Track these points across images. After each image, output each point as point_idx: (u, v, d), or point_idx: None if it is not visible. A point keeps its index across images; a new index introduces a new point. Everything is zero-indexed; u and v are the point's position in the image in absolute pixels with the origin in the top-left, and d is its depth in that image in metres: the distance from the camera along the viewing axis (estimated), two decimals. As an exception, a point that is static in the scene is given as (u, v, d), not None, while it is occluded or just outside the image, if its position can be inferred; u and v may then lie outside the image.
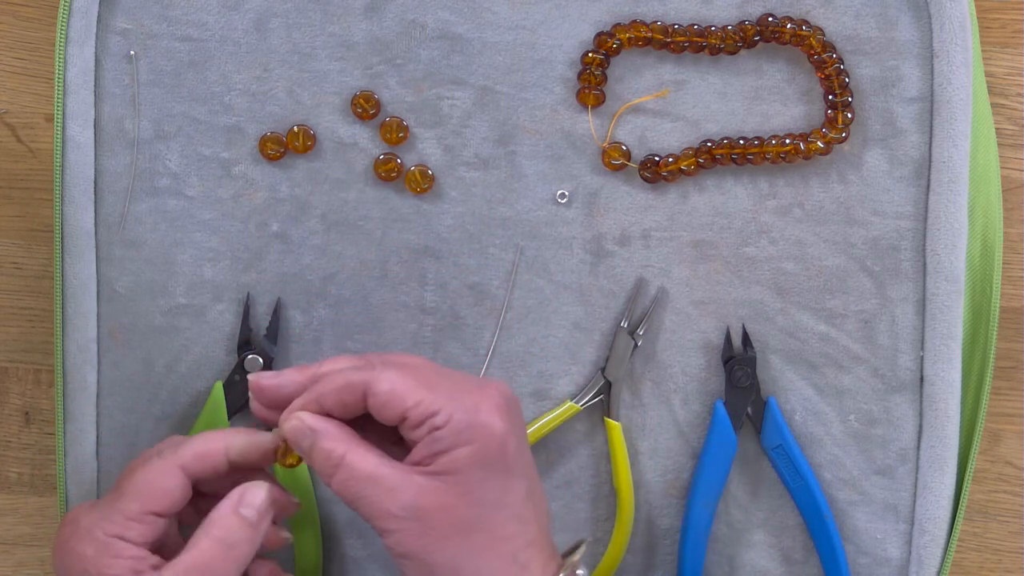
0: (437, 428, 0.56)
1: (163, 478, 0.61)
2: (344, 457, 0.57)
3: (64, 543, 0.61)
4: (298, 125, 0.71)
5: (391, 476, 0.57)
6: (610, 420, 0.72)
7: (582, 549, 0.61)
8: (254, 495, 0.61)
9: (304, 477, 0.72)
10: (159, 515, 0.61)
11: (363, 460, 0.57)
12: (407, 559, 0.57)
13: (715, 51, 0.70)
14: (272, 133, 0.72)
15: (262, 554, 0.64)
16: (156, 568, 0.59)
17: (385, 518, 0.56)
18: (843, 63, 0.70)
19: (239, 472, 0.63)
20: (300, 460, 0.61)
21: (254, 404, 0.62)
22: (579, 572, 0.59)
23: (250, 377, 0.61)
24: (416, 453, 0.57)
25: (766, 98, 0.71)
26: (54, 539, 0.61)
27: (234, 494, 0.61)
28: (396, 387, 0.57)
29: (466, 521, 0.56)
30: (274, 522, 0.63)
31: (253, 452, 0.62)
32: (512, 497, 0.58)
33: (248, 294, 0.73)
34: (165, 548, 0.62)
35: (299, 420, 0.59)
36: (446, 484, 0.56)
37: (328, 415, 0.59)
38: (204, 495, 0.64)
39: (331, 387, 0.58)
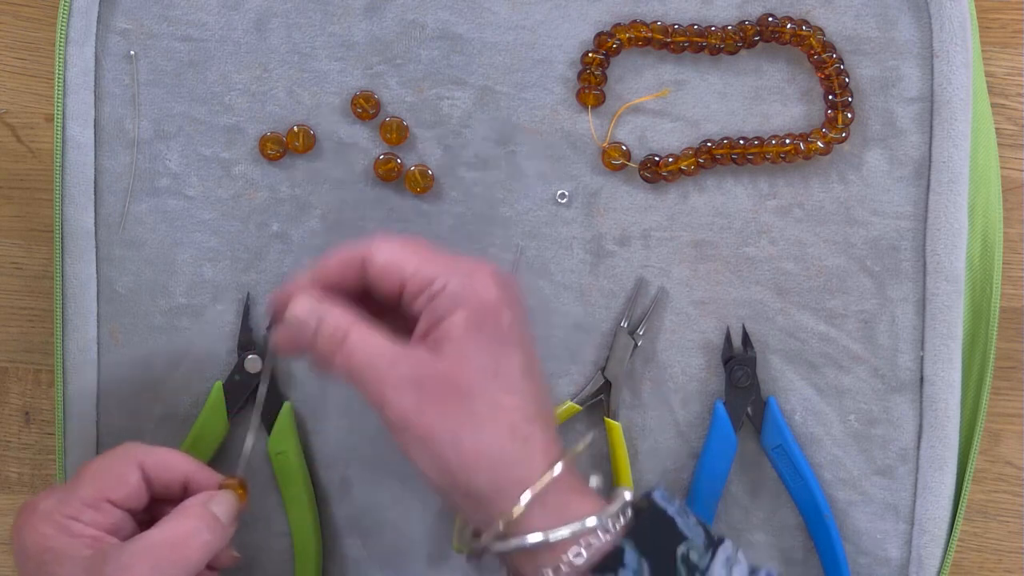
0: (435, 295, 0.57)
1: (120, 466, 0.63)
2: (348, 333, 0.57)
3: (23, 526, 0.61)
4: (298, 125, 0.71)
5: (391, 350, 0.57)
6: (610, 420, 0.72)
7: (588, 440, 0.61)
8: (226, 499, 0.63)
9: (304, 477, 0.73)
10: (114, 504, 0.62)
11: (366, 336, 0.57)
12: (406, 430, 0.56)
13: (715, 51, 0.70)
14: (272, 133, 0.72)
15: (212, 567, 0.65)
16: (116, 545, 0.60)
17: (384, 389, 0.56)
18: (843, 63, 0.70)
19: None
20: (243, 491, 0.64)
21: (274, 335, 0.60)
22: (594, 481, 0.59)
23: (267, 300, 0.60)
24: (419, 328, 0.57)
25: (766, 98, 0.71)
26: (12, 526, 0.62)
27: (204, 494, 0.63)
28: (394, 256, 0.57)
29: (463, 388, 0.56)
30: (210, 567, 0.64)
31: (202, 485, 0.64)
32: (508, 368, 0.57)
33: (248, 294, 0.73)
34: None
35: (306, 300, 0.58)
36: (442, 353, 0.56)
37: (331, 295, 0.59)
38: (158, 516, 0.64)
39: (331, 262, 0.59)
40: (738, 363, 0.71)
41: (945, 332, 0.71)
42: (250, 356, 0.72)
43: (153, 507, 0.64)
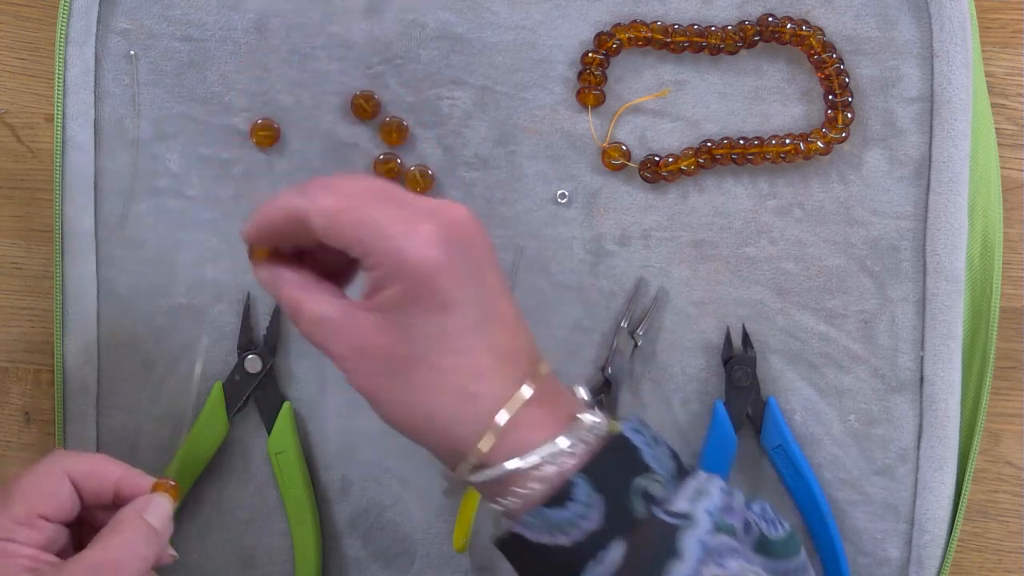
0: (371, 269, 0.55)
1: (49, 481, 0.61)
2: (299, 302, 0.57)
3: None
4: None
5: (337, 318, 0.56)
6: (610, 420, 0.72)
7: (543, 367, 0.59)
8: (160, 504, 0.62)
9: (304, 477, 0.73)
10: (47, 519, 0.61)
11: (315, 304, 0.57)
12: (365, 397, 0.57)
13: (715, 51, 0.70)
14: (263, 120, 0.71)
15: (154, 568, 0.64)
16: (54, 565, 0.59)
17: (338, 359, 0.56)
18: (843, 63, 0.70)
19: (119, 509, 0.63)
20: (174, 491, 0.63)
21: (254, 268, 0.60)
22: (588, 419, 0.57)
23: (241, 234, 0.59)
24: (366, 288, 0.56)
25: (766, 98, 0.71)
26: None
27: (139, 501, 0.62)
28: (330, 223, 0.55)
29: (404, 358, 0.55)
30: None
31: (133, 490, 0.63)
32: (452, 330, 0.55)
33: (248, 294, 0.73)
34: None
35: (263, 269, 0.58)
36: (383, 322, 0.55)
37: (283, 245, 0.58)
38: (89, 524, 0.63)
39: (275, 210, 0.57)
40: (738, 363, 0.71)
41: (945, 332, 0.71)
42: (250, 356, 0.72)
43: (84, 514, 0.63)
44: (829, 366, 0.72)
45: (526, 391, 0.56)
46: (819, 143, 0.70)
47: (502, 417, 0.55)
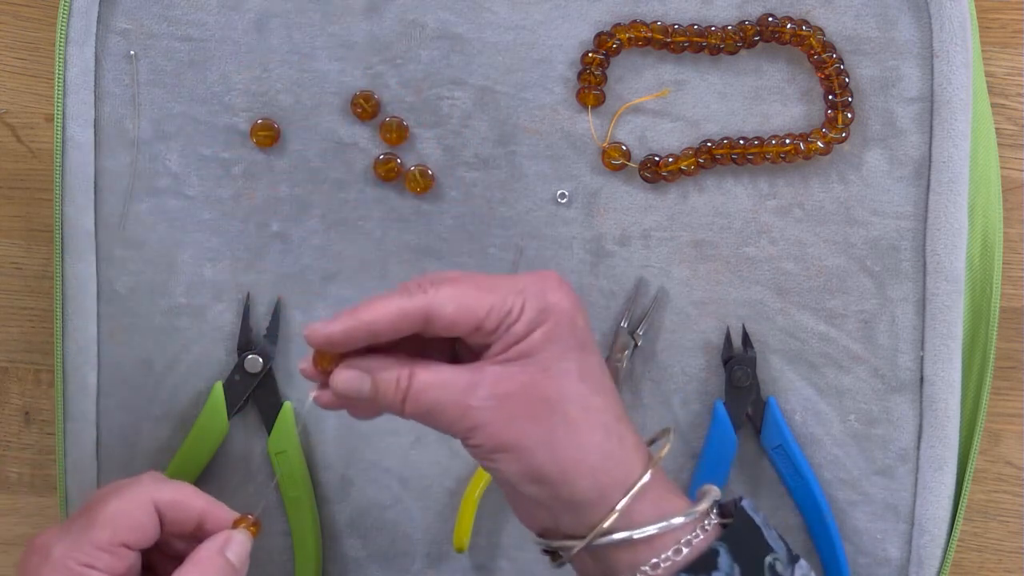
0: (514, 323, 0.55)
1: (136, 510, 0.60)
2: (412, 375, 0.56)
3: (33, 571, 0.59)
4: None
5: (464, 375, 0.55)
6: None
7: (670, 439, 0.59)
8: (240, 543, 0.61)
9: (304, 477, 0.73)
10: (129, 547, 0.60)
11: (430, 371, 0.56)
12: (500, 451, 0.55)
13: (715, 51, 0.70)
14: (263, 120, 0.71)
15: None
16: None
17: (468, 414, 0.55)
18: (843, 63, 0.70)
19: (196, 540, 0.62)
20: (256, 527, 0.62)
21: (305, 364, 0.58)
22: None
23: (304, 332, 0.57)
24: (491, 352, 0.56)
25: (766, 98, 0.71)
26: (20, 565, 0.60)
27: (220, 537, 0.61)
28: (463, 303, 0.55)
29: (551, 397, 0.55)
30: None
31: (215, 524, 0.62)
32: (591, 370, 0.56)
33: (248, 294, 0.73)
34: None
35: (348, 369, 0.56)
36: (523, 366, 0.55)
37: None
38: (159, 549, 0.63)
39: (384, 318, 0.55)
40: (738, 363, 0.71)
41: (945, 332, 0.71)
42: (250, 356, 0.72)
43: (160, 539, 0.62)
44: (829, 366, 0.72)
45: (665, 444, 0.57)
46: (819, 143, 0.70)
47: (653, 465, 0.56)
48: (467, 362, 0.57)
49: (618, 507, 0.55)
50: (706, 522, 0.57)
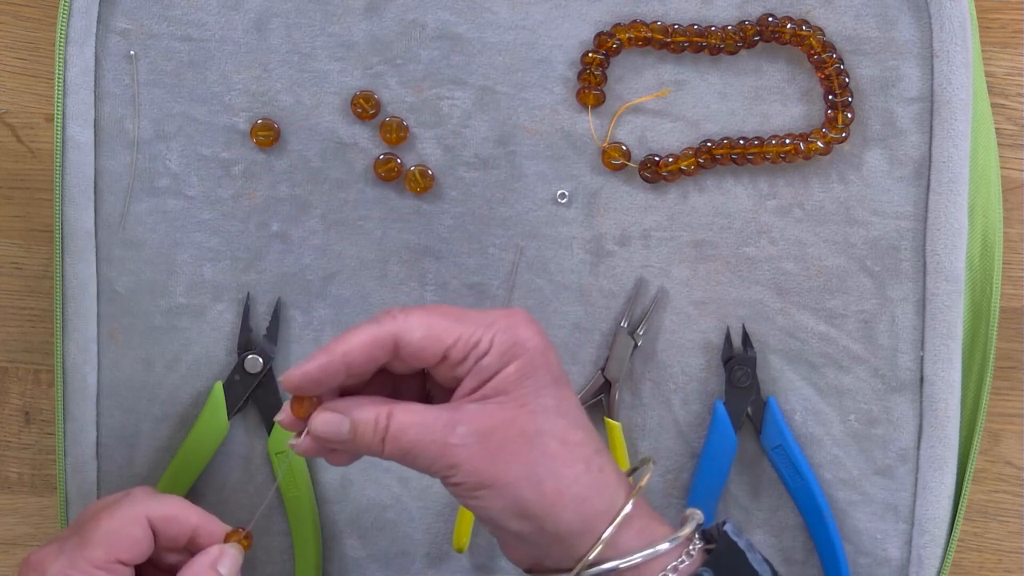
0: (482, 356, 0.56)
1: (131, 527, 0.61)
2: (391, 415, 0.56)
3: None
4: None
5: (442, 415, 0.55)
6: (610, 420, 0.72)
7: (650, 469, 0.60)
8: (232, 557, 0.61)
9: (304, 476, 0.73)
10: (124, 564, 0.60)
11: (409, 410, 0.56)
12: (484, 488, 0.55)
13: (715, 51, 0.70)
14: (263, 120, 0.71)
15: None
16: None
17: (448, 454, 0.55)
18: (843, 63, 0.70)
19: (189, 553, 0.63)
20: (248, 540, 0.62)
21: (283, 415, 0.59)
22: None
23: (281, 379, 0.58)
24: (463, 388, 0.56)
25: (766, 98, 0.71)
26: None
27: (212, 552, 0.61)
28: (431, 330, 0.56)
29: (531, 430, 0.55)
30: None
31: (208, 538, 0.62)
32: (568, 405, 0.57)
33: (248, 294, 0.73)
34: None
35: (326, 411, 0.57)
36: (500, 403, 0.55)
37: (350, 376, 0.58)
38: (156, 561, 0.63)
39: (356, 345, 0.56)
40: (738, 363, 0.71)
41: (945, 332, 0.71)
42: (250, 356, 0.72)
43: (154, 555, 0.63)
44: (829, 366, 0.72)
45: (645, 472, 0.58)
46: (819, 143, 0.70)
47: (635, 495, 0.56)
48: (439, 403, 0.57)
49: (604, 536, 0.56)
50: (691, 547, 0.57)
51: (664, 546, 0.56)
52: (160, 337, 0.73)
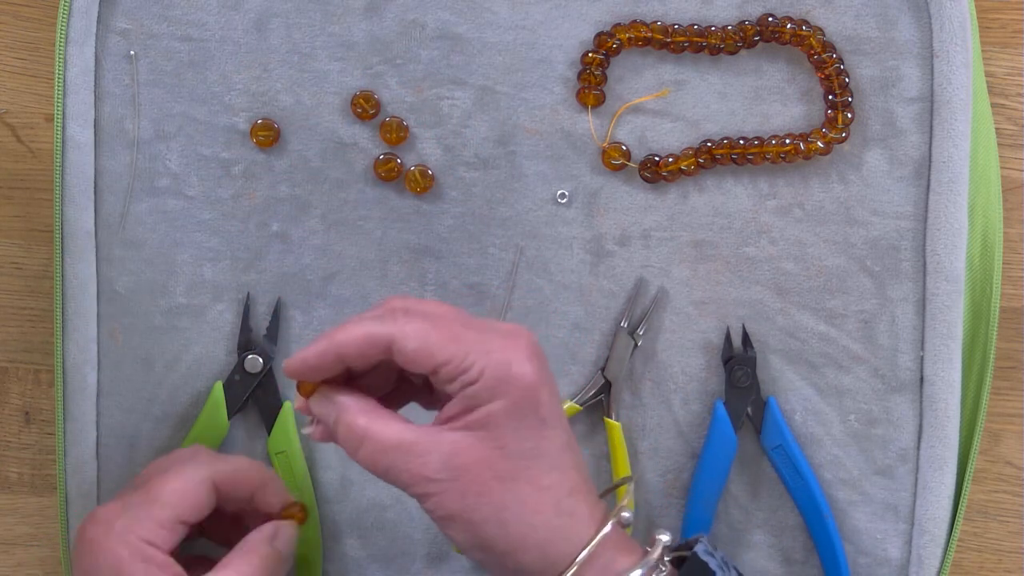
0: (470, 383, 0.55)
1: (197, 489, 0.62)
2: (367, 429, 0.56)
3: (94, 541, 0.61)
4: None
5: (420, 441, 0.56)
6: (610, 420, 0.72)
7: (629, 492, 0.60)
8: (288, 532, 0.63)
9: (304, 477, 0.73)
10: (187, 524, 0.62)
11: (386, 429, 0.56)
12: (451, 520, 0.56)
13: (715, 51, 0.70)
14: (263, 120, 0.71)
15: None
16: None
17: (421, 483, 0.55)
18: (843, 63, 0.70)
19: (248, 506, 0.65)
20: (304, 515, 0.65)
21: (298, 402, 0.60)
22: (624, 515, 0.58)
23: (284, 364, 0.59)
24: (450, 408, 0.56)
25: (766, 98, 0.71)
26: (78, 535, 0.62)
27: (268, 527, 0.63)
28: (424, 344, 0.55)
29: (505, 473, 0.55)
30: None
31: (268, 501, 0.64)
32: (548, 446, 0.56)
33: (248, 294, 0.73)
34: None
35: (322, 394, 0.58)
36: (480, 438, 0.55)
37: (350, 369, 0.58)
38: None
39: (351, 339, 0.56)
40: (738, 363, 0.71)
41: (945, 332, 0.71)
42: (250, 356, 0.72)
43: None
44: (829, 366, 0.72)
45: (622, 509, 0.58)
46: (819, 143, 0.70)
47: (597, 538, 0.56)
48: (441, 396, 0.57)
49: (569, 572, 0.56)
50: (660, 568, 0.57)
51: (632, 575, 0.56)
52: (160, 337, 0.73)
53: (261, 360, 0.72)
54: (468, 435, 0.56)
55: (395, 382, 0.61)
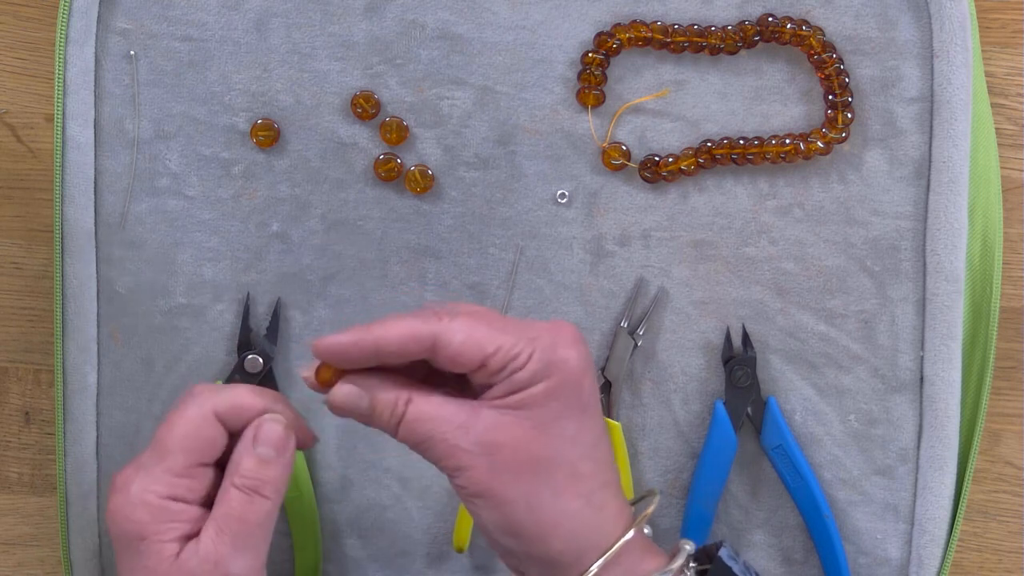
0: (519, 369, 0.55)
1: (201, 426, 0.58)
2: (409, 401, 0.55)
3: (118, 512, 0.58)
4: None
5: (459, 412, 0.55)
6: (610, 420, 0.72)
7: (655, 502, 0.59)
8: (269, 430, 0.58)
9: (304, 476, 0.73)
10: (205, 465, 0.58)
11: (427, 401, 0.55)
12: (480, 498, 0.55)
13: (715, 51, 0.70)
14: (263, 120, 0.71)
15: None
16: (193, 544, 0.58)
17: (456, 455, 0.55)
18: (843, 63, 0.70)
19: None
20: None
21: (307, 371, 0.58)
22: (646, 530, 0.58)
23: (312, 344, 0.57)
24: (491, 391, 0.56)
25: (766, 98, 0.71)
26: (108, 507, 0.58)
27: (248, 433, 0.58)
28: (472, 336, 0.55)
29: (540, 457, 0.55)
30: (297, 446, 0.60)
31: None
32: (587, 435, 0.56)
33: (248, 294, 0.73)
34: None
35: (349, 384, 0.56)
36: (519, 418, 0.55)
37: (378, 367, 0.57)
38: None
39: (394, 336, 0.55)
40: (738, 363, 0.71)
41: (945, 332, 0.71)
42: (250, 356, 0.72)
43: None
44: (829, 366, 0.72)
45: (647, 512, 0.57)
46: (819, 143, 0.70)
47: (628, 534, 0.56)
48: (470, 394, 0.57)
49: (591, 571, 0.55)
50: (685, 573, 0.57)
51: None
52: (160, 337, 0.73)
53: (261, 360, 0.72)
54: (508, 413, 0.55)
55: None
